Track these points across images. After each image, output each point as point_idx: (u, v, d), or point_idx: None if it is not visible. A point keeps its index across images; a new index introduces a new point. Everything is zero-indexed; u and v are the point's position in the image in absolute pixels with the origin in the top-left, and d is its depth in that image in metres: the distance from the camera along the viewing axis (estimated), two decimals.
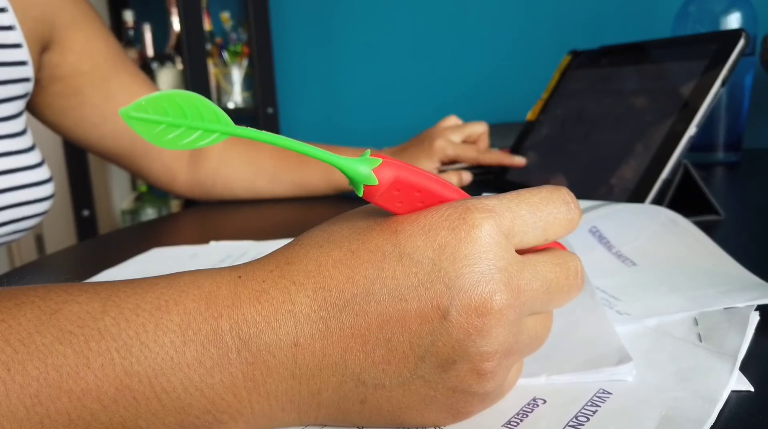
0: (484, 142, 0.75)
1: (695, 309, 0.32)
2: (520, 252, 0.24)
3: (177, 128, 0.17)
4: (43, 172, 0.58)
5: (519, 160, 0.70)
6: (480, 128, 0.75)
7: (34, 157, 0.58)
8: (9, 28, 0.56)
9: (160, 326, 0.21)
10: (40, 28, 0.59)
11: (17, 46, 0.57)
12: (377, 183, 0.21)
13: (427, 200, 0.23)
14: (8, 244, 0.59)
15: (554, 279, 0.23)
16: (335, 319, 0.21)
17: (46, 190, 0.58)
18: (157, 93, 0.17)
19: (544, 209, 0.23)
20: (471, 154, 0.72)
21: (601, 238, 0.43)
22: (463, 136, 0.74)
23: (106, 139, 0.67)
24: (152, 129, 0.17)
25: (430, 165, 0.71)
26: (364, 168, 0.21)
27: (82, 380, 0.20)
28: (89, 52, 0.64)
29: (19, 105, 0.59)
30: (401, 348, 0.21)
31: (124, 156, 0.68)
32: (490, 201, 0.23)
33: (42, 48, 0.61)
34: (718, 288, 0.34)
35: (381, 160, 0.21)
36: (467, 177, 0.70)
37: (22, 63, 0.58)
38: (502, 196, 0.23)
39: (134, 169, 0.70)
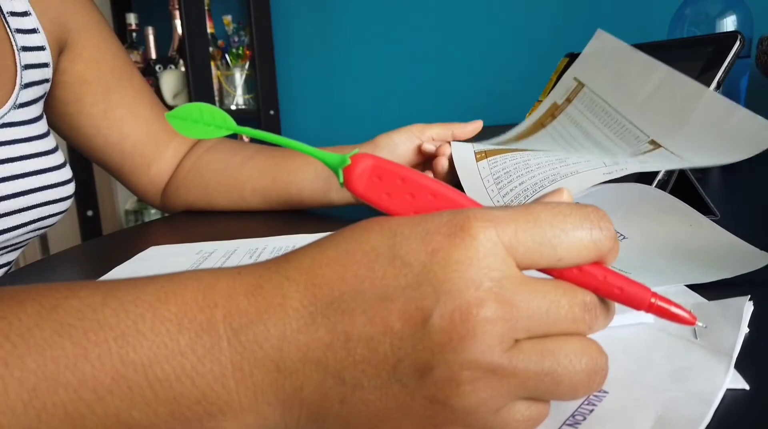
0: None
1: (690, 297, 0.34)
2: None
3: (197, 125, 0.26)
4: (65, 173, 0.60)
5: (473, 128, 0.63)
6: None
7: (57, 158, 0.59)
8: (33, 30, 0.58)
9: (157, 315, 0.21)
10: (57, 31, 0.60)
11: (41, 48, 0.58)
12: (349, 162, 0.25)
13: (418, 193, 0.23)
14: (29, 241, 0.60)
15: (556, 300, 0.21)
16: (322, 314, 0.21)
17: (68, 189, 0.60)
18: (187, 104, 0.26)
19: (557, 225, 0.21)
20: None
21: None
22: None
23: (96, 150, 0.67)
24: (183, 126, 0.26)
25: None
26: (341, 156, 0.25)
27: (79, 371, 0.20)
28: (97, 62, 0.64)
29: (40, 106, 0.60)
30: (382, 348, 0.21)
31: (113, 168, 0.69)
32: (495, 211, 0.22)
33: (59, 51, 0.62)
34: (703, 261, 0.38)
35: (358, 151, 0.25)
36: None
37: (45, 65, 0.59)
38: (510, 206, 0.22)
39: (120, 180, 0.72)
